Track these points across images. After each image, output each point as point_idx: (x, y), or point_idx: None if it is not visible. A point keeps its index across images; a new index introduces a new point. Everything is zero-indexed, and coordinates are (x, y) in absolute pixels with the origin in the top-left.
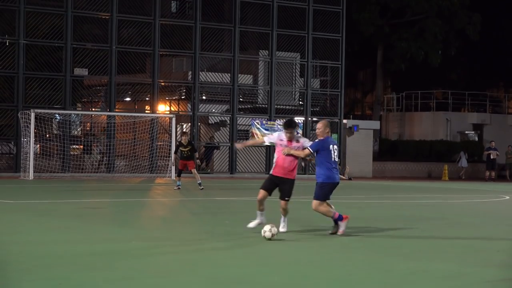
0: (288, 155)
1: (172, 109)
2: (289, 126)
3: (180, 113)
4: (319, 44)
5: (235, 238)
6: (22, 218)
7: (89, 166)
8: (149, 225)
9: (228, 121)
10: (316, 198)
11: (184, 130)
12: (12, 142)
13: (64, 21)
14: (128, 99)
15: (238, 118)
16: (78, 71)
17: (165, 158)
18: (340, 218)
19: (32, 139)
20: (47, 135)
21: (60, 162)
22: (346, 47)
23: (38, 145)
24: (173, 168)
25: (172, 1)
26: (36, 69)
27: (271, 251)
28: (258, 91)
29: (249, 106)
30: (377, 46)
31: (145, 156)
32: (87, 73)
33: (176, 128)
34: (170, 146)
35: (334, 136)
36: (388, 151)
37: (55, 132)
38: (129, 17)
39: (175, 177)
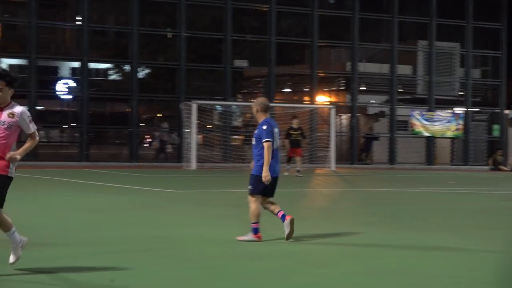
0: None
1: (331, 99)
2: None
3: (339, 104)
4: (480, 33)
5: (395, 229)
6: (185, 207)
7: (251, 156)
8: (309, 215)
9: (387, 112)
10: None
11: (295, 114)
12: (175, 133)
13: (224, 14)
14: (287, 90)
15: (397, 109)
16: (238, 63)
17: (324, 149)
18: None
19: (194, 130)
20: (207, 126)
21: (222, 152)
22: (508, 36)
23: (200, 136)
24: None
25: None
26: (197, 61)
27: (433, 241)
28: (417, 81)
29: (408, 97)
30: None
31: (305, 147)
32: (247, 64)
33: (335, 119)
34: (330, 137)
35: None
36: None
37: (216, 122)
38: (288, 9)
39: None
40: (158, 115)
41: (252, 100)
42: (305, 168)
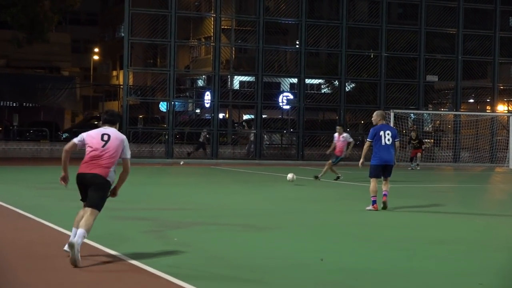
0: None
1: (510, 109)
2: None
3: None
4: None
5: None
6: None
7: (439, 157)
8: (488, 206)
9: None
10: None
11: (412, 126)
12: None
13: (418, 36)
14: (471, 100)
15: None
16: (430, 78)
17: (503, 150)
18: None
19: None
20: (403, 131)
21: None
22: None
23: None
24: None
25: (510, 17)
26: (394, 76)
27: None
28: None
29: None
30: None
31: (486, 149)
32: (437, 79)
33: None
34: (508, 141)
35: None
36: None
37: (410, 128)
38: (472, 32)
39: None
40: (362, 122)
41: (442, 110)
42: (489, 167)
